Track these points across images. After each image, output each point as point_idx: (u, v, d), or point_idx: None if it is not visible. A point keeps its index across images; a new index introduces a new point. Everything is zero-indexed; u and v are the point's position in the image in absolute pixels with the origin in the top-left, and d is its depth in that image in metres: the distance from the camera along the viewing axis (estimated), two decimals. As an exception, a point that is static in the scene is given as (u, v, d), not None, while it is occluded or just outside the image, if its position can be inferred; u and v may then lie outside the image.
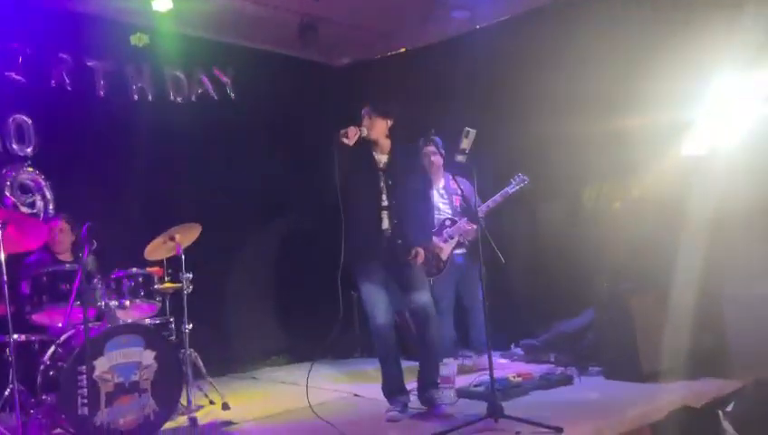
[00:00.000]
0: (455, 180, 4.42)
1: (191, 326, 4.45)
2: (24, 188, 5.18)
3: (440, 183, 5.11)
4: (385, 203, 4.06)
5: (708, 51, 4.50)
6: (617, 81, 5.05)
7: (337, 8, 5.81)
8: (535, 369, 4.92)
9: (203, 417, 4.32)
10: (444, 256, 5.02)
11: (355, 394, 4.75)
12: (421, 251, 4.09)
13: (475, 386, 4.41)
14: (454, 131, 4.57)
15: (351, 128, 3.94)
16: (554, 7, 5.63)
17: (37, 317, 4.04)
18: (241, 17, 5.87)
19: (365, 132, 4.00)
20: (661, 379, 4.33)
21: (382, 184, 4.06)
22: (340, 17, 6.03)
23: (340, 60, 7.06)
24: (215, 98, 6.29)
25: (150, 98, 5.88)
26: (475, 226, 4.77)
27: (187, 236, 4.53)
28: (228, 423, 4.25)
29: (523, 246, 5.75)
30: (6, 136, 5.12)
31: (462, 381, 4.61)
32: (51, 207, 5.20)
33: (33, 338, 4.08)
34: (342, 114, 4.31)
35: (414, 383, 4.18)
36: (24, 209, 5.06)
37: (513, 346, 5.65)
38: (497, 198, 5.07)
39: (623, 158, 5.10)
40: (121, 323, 4.07)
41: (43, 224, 4.36)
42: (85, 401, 3.66)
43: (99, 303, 4.05)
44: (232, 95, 6.39)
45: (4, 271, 3.78)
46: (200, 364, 4.67)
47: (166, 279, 4.51)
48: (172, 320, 4.60)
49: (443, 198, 5.12)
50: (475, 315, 5.06)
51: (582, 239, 5.44)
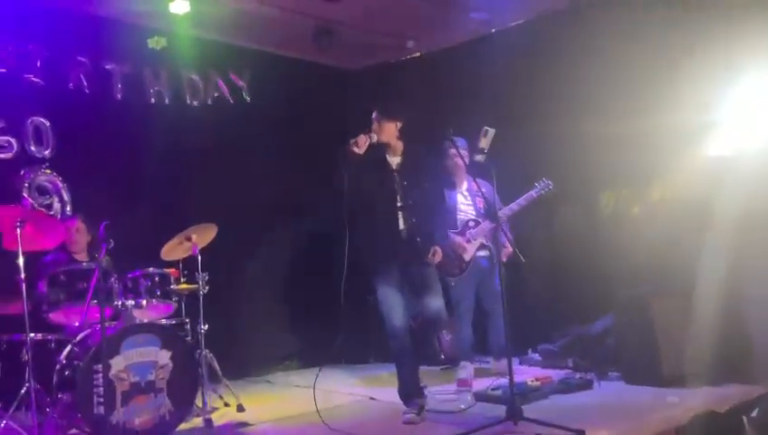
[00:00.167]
0: (476, 182, 4.40)
1: (206, 327, 4.43)
2: (42, 190, 5.20)
3: (464, 185, 5.06)
4: (401, 203, 4.06)
5: (734, 51, 4.45)
6: (640, 82, 5.00)
7: (353, 12, 5.81)
8: (554, 374, 4.87)
9: (218, 418, 4.29)
10: (467, 257, 4.96)
11: (371, 397, 4.71)
12: (439, 250, 4.08)
13: (493, 389, 4.36)
14: (471, 134, 4.59)
15: (361, 136, 3.96)
16: (574, 9, 5.60)
17: (54, 316, 4.04)
18: (257, 21, 5.88)
19: (375, 138, 4.02)
20: (684, 383, 4.25)
21: (397, 185, 4.07)
22: (355, 21, 6.02)
23: (356, 64, 7.06)
24: (230, 101, 6.30)
25: (167, 101, 5.90)
26: (498, 225, 4.76)
27: (203, 236, 4.53)
28: (243, 425, 4.23)
29: (540, 249, 5.70)
30: (25, 138, 5.14)
31: (479, 385, 4.57)
32: (68, 208, 5.22)
33: (49, 337, 4.07)
34: (358, 118, 4.30)
35: (432, 387, 4.14)
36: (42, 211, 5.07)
37: (530, 351, 5.59)
38: (521, 201, 5.01)
39: (646, 160, 5.03)
40: (137, 322, 4.06)
41: (60, 223, 4.36)
42: (101, 400, 3.65)
43: (115, 302, 4.04)
44: (247, 99, 6.40)
45: (22, 269, 3.79)
46: (216, 366, 4.65)
47: (182, 280, 4.50)
48: (188, 321, 4.58)
49: (466, 200, 5.06)
50: (495, 319, 4.99)
51: (601, 243, 5.39)
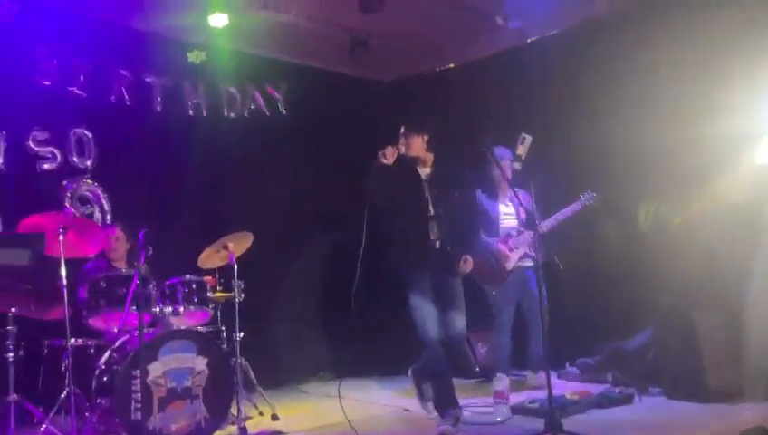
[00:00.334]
0: (515, 192, 4.38)
1: (242, 335, 4.44)
2: (83, 200, 5.31)
3: (506, 194, 4.99)
4: (432, 213, 4.07)
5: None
6: (684, 90, 4.91)
7: (388, 24, 5.83)
8: (592, 388, 4.76)
9: (252, 427, 4.28)
10: (508, 266, 4.88)
11: (405, 409, 4.66)
12: (470, 258, 4.09)
13: (531, 403, 4.28)
14: (508, 144, 4.57)
15: (389, 148, 4.01)
16: (612, 17, 5.54)
17: (93, 322, 4.10)
18: (293, 34, 5.95)
19: (402, 150, 4.06)
20: (730, 398, 4.11)
21: (428, 195, 4.09)
22: (390, 33, 6.05)
23: (390, 75, 7.09)
24: (266, 113, 6.39)
25: (205, 113, 6.01)
26: (539, 236, 4.73)
27: (239, 245, 4.56)
28: (278, 434, 4.22)
29: (579, 261, 5.58)
30: (67, 149, 5.27)
31: (515, 398, 4.50)
32: (108, 217, 5.32)
33: (89, 342, 4.14)
34: (391, 129, 4.32)
35: (467, 400, 4.10)
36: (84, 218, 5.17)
37: (567, 365, 5.47)
38: (566, 212, 4.93)
39: (691, 168, 4.92)
40: (175, 329, 4.09)
41: (101, 231, 4.44)
42: (139, 405, 3.67)
43: (153, 308, 4.08)
44: (283, 111, 6.48)
45: (63, 276, 3.87)
46: (251, 374, 4.66)
47: (218, 288, 4.54)
48: (224, 328, 4.61)
49: (509, 209, 4.99)
50: (535, 330, 4.89)
51: (642, 254, 5.26)
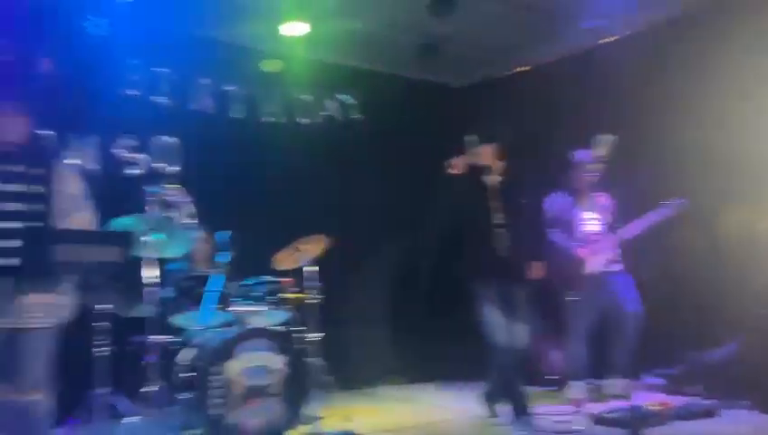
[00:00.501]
0: (598, 196, 4.29)
1: (317, 336, 4.52)
2: (167, 204, 5.54)
3: (588, 198, 4.83)
4: (499, 222, 4.05)
5: None
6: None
7: (461, 27, 5.81)
8: (674, 399, 4.59)
9: (327, 427, 4.34)
10: (588, 271, 4.72)
11: (478, 415, 4.62)
12: (539, 266, 4.10)
13: (610, 412, 4.17)
14: (584, 146, 4.49)
15: (458, 158, 4.05)
16: (690, 15, 5.35)
17: (177, 320, 4.26)
18: (365, 40, 6.04)
19: (472, 159, 4.07)
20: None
21: (496, 203, 4.07)
22: (461, 36, 6.04)
23: (462, 80, 7.07)
24: (339, 119, 6.50)
25: (279, 119, 6.18)
26: (622, 241, 4.67)
27: (313, 247, 4.65)
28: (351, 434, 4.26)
29: (659, 269, 5.40)
30: (153, 155, 5.53)
31: (594, 407, 4.38)
32: (190, 221, 5.52)
33: (172, 339, 4.30)
34: (462, 134, 4.32)
35: (543, 407, 4.05)
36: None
37: (649, 375, 5.28)
38: (654, 217, 4.69)
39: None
40: (253, 328, 4.20)
41: (184, 233, 4.62)
42: (218, 401, 3.80)
43: (232, 308, 4.21)
44: (355, 116, 6.58)
45: (149, 275, 4.05)
46: (325, 374, 4.73)
47: (294, 289, 4.64)
48: (299, 329, 4.70)
49: (590, 213, 4.84)
50: (616, 338, 4.68)
51: (726, 262, 5.04)
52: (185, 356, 4.12)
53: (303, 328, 4.63)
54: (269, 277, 4.46)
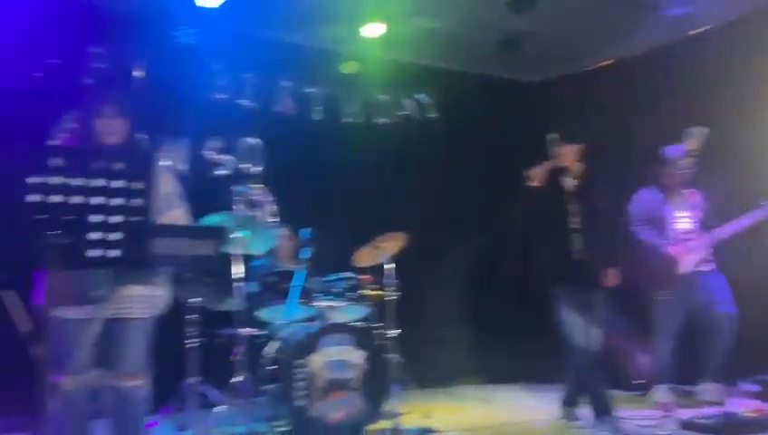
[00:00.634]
0: (690, 194, 4.14)
1: (396, 333, 4.57)
2: (252, 203, 5.74)
3: (679, 195, 4.64)
4: (576, 226, 3.98)
5: None
6: None
7: (540, 22, 5.73)
8: (770, 407, 4.36)
9: (406, 422, 4.38)
10: (679, 271, 4.54)
11: (557, 416, 4.53)
12: (614, 272, 4.04)
13: (701, 418, 4.01)
14: (669, 142, 4.33)
15: (537, 169, 4.00)
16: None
17: (262, 314, 4.41)
18: (443, 39, 6.06)
19: (552, 164, 4.02)
20: None
21: (573, 207, 4.00)
22: (542, 31, 5.94)
23: (541, 76, 6.97)
24: (416, 118, 6.55)
25: (358, 120, 6.29)
26: (718, 241, 4.50)
27: (392, 245, 4.70)
28: (431, 431, 4.29)
29: (753, 272, 5.12)
30: (238, 156, 5.74)
31: (684, 413, 4.23)
32: (275, 219, 5.70)
33: (258, 332, 4.45)
34: (541, 132, 4.26)
35: (629, 411, 3.96)
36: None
37: (745, 381, 5.02)
38: (754, 217, 4.44)
39: None
40: (335, 322, 4.30)
41: (269, 230, 4.78)
42: (302, 393, 3.91)
43: (315, 303, 4.33)
44: (432, 115, 6.61)
45: (237, 270, 4.22)
46: (404, 371, 4.77)
47: (373, 285, 4.70)
48: (378, 325, 4.76)
49: (682, 211, 4.65)
50: (708, 340, 4.49)
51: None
52: (270, 349, 4.26)
53: (382, 324, 4.69)
54: (349, 274, 4.53)
